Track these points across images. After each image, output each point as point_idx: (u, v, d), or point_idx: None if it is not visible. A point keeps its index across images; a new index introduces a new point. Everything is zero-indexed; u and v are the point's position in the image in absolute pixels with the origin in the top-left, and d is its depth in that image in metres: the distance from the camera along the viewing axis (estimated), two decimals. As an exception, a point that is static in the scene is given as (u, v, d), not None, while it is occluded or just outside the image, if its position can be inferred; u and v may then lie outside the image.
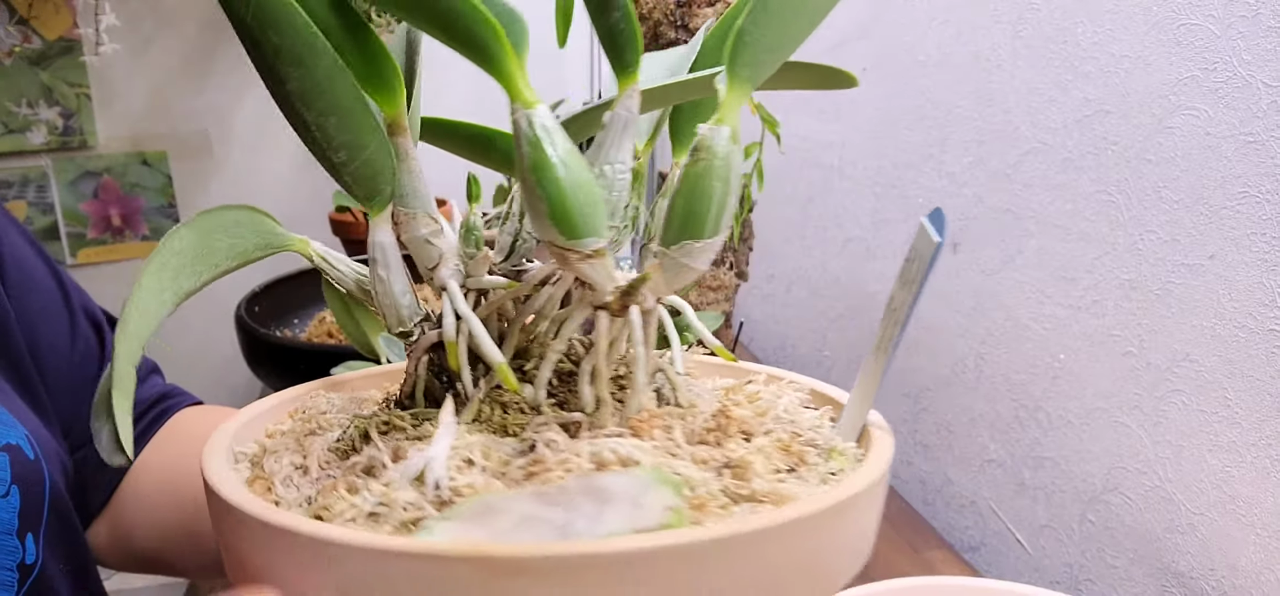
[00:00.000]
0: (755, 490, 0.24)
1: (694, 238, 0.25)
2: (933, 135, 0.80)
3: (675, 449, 0.26)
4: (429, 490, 0.23)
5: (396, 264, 0.27)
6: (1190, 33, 0.55)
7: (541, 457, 0.24)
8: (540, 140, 0.23)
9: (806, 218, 1.06)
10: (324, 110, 0.23)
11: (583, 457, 0.24)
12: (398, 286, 0.27)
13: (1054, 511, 0.69)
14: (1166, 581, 0.60)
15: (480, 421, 0.27)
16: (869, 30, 0.89)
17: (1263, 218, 0.51)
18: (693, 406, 0.29)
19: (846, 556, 0.24)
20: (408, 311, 0.27)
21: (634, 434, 0.26)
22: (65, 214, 1.33)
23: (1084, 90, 0.63)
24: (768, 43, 0.24)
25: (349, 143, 0.24)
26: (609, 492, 0.22)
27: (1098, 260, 0.63)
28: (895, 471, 0.90)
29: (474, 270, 0.27)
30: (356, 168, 0.24)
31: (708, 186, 0.24)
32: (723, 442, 0.27)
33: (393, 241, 0.27)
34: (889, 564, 0.68)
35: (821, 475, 0.27)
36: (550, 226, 0.23)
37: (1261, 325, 0.52)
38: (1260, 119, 0.51)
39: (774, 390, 0.33)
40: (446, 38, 0.23)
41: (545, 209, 0.23)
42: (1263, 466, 0.53)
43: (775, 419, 0.29)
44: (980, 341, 0.76)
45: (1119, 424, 0.63)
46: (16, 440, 0.42)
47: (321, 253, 0.28)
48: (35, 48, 1.26)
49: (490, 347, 0.25)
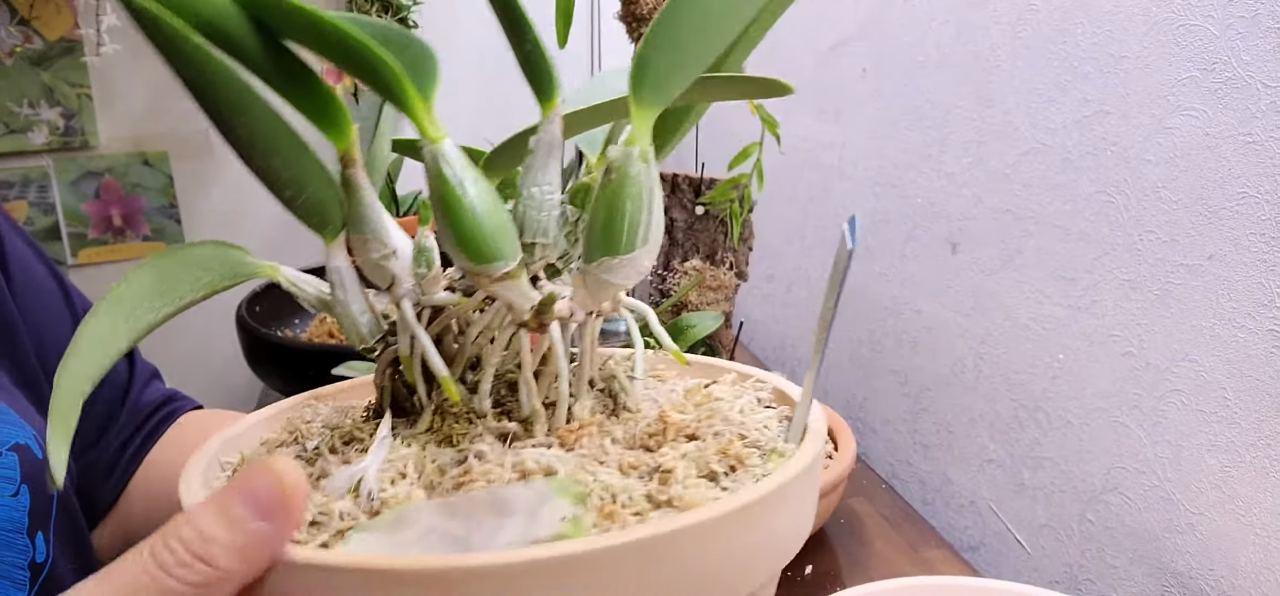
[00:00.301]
0: (673, 495, 0.25)
1: (611, 254, 0.26)
2: (932, 135, 0.80)
3: (603, 456, 0.27)
4: (363, 500, 0.25)
5: (353, 286, 0.29)
6: (1189, 33, 0.55)
7: (469, 468, 0.26)
8: (444, 173, 0.25)
9: (806, 218, 1.06)
10: (267, 153, 0.25)
11: (506, 468, 0.25)
12: (356, 307, 0.29)
13: (1053, 511, 0.70)
14: (1166, 581, 0.60)
15: (432, 430, 0.28)
16: (868, 31, 0.89)
17: (1262, 218, 0.51)
18: (639, 411, 0.30)
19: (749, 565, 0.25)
20: (368, 329, 0.29)
21: (562, 443, 0.27)
22: (66, 214, 1.33)
23: (1083, 90, 0.63)
24: (669, 65, 0.24)
25: (293, 181, 0.26)
26: (509, 505, 0.23)
27: (1097, 260, 0.63)
28: (894, 471, 0.90)
29: (428, 288, 0.28)
30: (302, 203, 0.26)
31: (620, 205, 0.25)
32: (661, 447, 0.28)
33: (347, 265, 0.28)
34: (888, 563, 0.68)
35: (756, 476, 0.27)
36: (460, 253, 0.25)
37: (1260, 325, 0.52)
38: (1259, 119, 0.51)
39: (735, 390, 0.34)
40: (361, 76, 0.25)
41: (453, 236, 0.25)
42: (1262, 466, 0.53)
43: (724, 420, 0.30)
44: (980, 341, 0.76)
45: (1118, 424, 0.63)
46: (25, 440, 0.42)
47: (290, 277, 0.29)
48: (36, 48, 1.26)
49: (437, 362, 0.27)
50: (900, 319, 0.87)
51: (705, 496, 0.25)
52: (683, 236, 0.77)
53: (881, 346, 0.91)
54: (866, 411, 0.95)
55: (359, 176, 0.27)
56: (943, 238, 0.80)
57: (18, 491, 0.41)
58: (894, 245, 0.87)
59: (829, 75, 0.97)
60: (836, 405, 1.00)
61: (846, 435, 0.72)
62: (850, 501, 0.77)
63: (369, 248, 0.28)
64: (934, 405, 0.83)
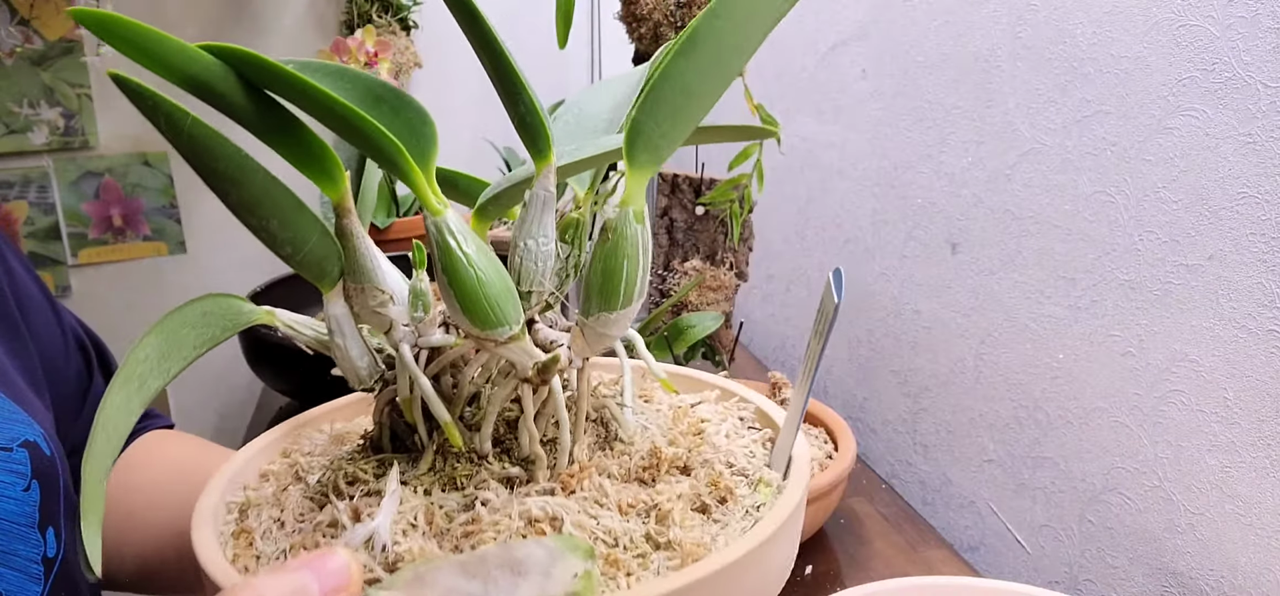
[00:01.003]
0: (672, 538, 0.27)
1: (609, 309, 0.27)
2: (932, 136, 0.80)
3: (602, 498, 0.29)
4: (377, 553, 0.26)
5: (351, 331, 0.30)
6: (1189, 34, 0.55)
7: (478, 516, 0.27)
8: (450, 244, 0.26)
9: (806, 218, 1.06)
10: (266, 216, 0.26)
11: (514, 517, 0.27)
12: (355, 351, 0.30)
13: (1053, 511, 0.70)
14: (1165, 581, 0.60)
15: (433, 471, 0.30)
16: (868, 31, 0.89)
17: (1262, 218, 0.51)
18: (632, 442, 0.32)
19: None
20: (366, 372, 0.30)
21: (563, 487, 0.29)
22: (66, 214, 1.33)
23: (1083, 91, 0.63)
24: (661, 130, 0.25)
25: (292, 239, 0.27)
26: (523, 564, 0.24)
27: (1097, 260, 0.63)
28: (894, 471, 0.90)
29: (424, 331, 0.29)
30: (303, 258, 0.27)
31: (618, 265, 0.27)
32: (655, 481, 0.30)
33: (346, 312, 0.29)
34: (888, 563, 0.68)
35: (746, 508, 0.29)
36: (465, 319, 0.26)
37: (1260, 325, 0.52)
38: (1259, 120, 0.51)
39: (720, 410, 0.36)
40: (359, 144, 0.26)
41: (459, 305, 0.26)
42: (1262, 466, 0.53)
43: (713, 448, 0.32)
44: (979, 341, 0.76)
45: (1118, 424, 0.63)
46: (34, 437, 0.43)
47: (287, 321, 0.30)
48: (36, 48, 1.26)
49: (438, 407, 0.28)
50: (900, 319, 0.87)
51: (701, 538, 0.27)
52: (683, 236, 0.77)
53: (881, 346, 0.91)
54: (866, 411, 0.95)
55: (353, 224, 0.28)
56: (943, 238, 0.80)
57: (29, 486, 0.42)
58: (894, 245, 0.87)
59: (829, 76, 0.97)
60: (836, 405, 1.00)
61: (846, 435, 0.72)
62: (850, 501, 0.77)
63: (367, 295, 0.29)
64: (934, 405, 0.83)
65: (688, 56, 0.24)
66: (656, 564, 0.26)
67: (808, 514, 0.67)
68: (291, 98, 0.25)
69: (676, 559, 0.26)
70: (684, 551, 0.26)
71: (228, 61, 0.24)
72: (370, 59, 1.25)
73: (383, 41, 1.27)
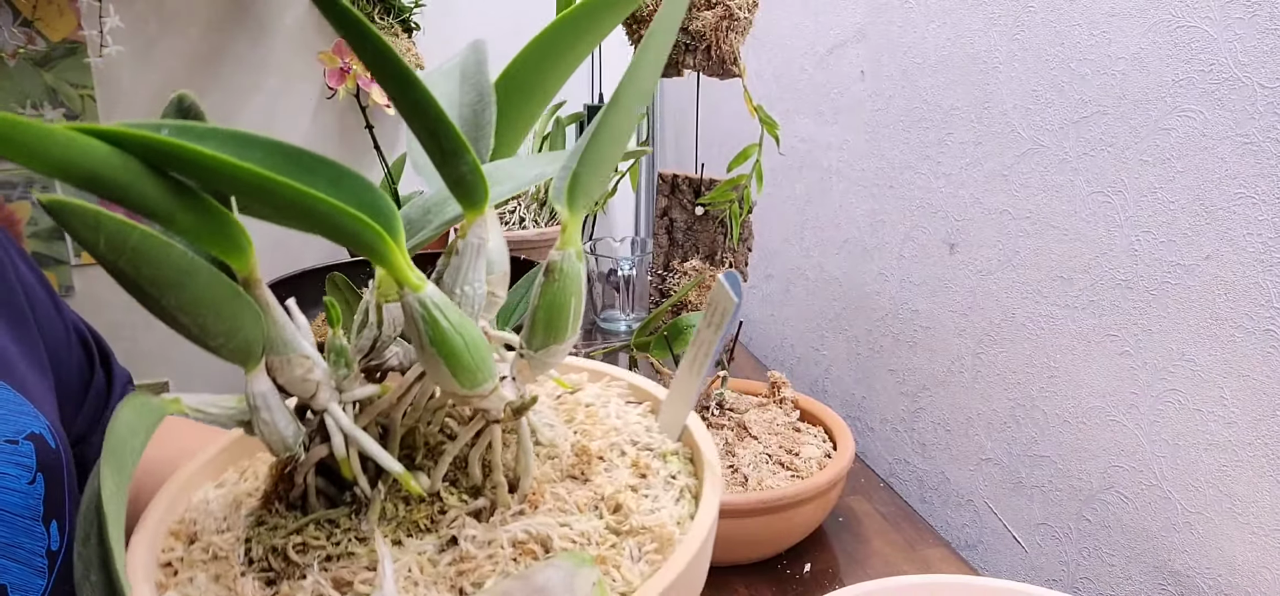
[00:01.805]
0: (633, 525, 0.30)
1: (558, 341, 0.29)
2: (930, 136, 0.80)
3: (564, 506, 0.31)
4: None
5: (278, 406, 0.29)
6: (1187, 34, 0.55)
7: (466, 553, 0.28)
8: (435, 318, 0.26)
9: (805, 218, 1.06)
10: (202, 312, 0.25)
11: (504, 545, 0.29)
12: (282, 423, 0.29)
13: (1051, 509, 0.70)
14: (1163, 579, 0.60)
15: (386, 518, 0.30)
16: (866, 33, 0.89)
17: (1259, 218, 0.52)
18: (554, 445, 0.34)
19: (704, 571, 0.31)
20: (293, 438, 0.30)
21: (532, 507, 0.30)
22: (69, 214, 1.34)
23: (1081, 91, 0.63)
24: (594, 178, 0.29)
25: (226, 330, 0.26)
26: (546, 589, 0.26)
27: (1094, 260, 0.63)
28: (892, 470, 0.91)
29: (347, 385, 0.30)
30: (234, 346, 0.27)
31: (563, 301, 0.29)
32: (589, 477, 0.32)
33: (270, 387, 0.29)
34: (886, 561, 0.69)
35: (665, 478, 0.33)
36: (453, 382, 0.27)
37: (1258, 325, 0.52)
38: (1256, 120, 0.51)
39: (601, 394, 0.38)
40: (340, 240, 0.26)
41: (448, 371, 0.27)
42: (1259, 465, 0.53)
43: (615, 431, 0.35)
44: (977, 341, 0.76)
45: (1116, 422, 0.63)
46: (40, 429, 0.44)
47: (195, 406, 0.29)
48: (39, 50, 1.27)
49: (388, 460, 0.29)
50: (898, 318, 0.88)
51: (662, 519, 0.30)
52: (683, 237, 0.77)
53: (880, 346, 0.91)
54: (865, 410, 0.95)
55: (266, 296, 0.28)
56: (941, 238, 0.80)
57: (34, 479, 0.42)
58: (892, 245, 0.88)
59: (828, 77, 0.98)
60: (835, 404, 1.00)
61: (845, 434, 0.72)
62: (848, 499, 0.77)
63: (292, 366, 0.29)
64: (932, 404, 0.84)
65: (614, 112, 0.27)
66: (629, 550, 0.29)
67: (807, 512, 0.67)
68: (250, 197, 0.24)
69: (651, 543, 0.29)
70: (660, 536, 0.29)
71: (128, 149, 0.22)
72: (371, 60, 1.25)
73: (384, 42, 1.27)
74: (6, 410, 0.43)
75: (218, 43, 1.38)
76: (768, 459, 0.69)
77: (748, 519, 0.63)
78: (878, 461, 0.93)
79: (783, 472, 0.67)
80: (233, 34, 1.38)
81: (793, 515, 0.64)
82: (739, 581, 0.65)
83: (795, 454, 0.69)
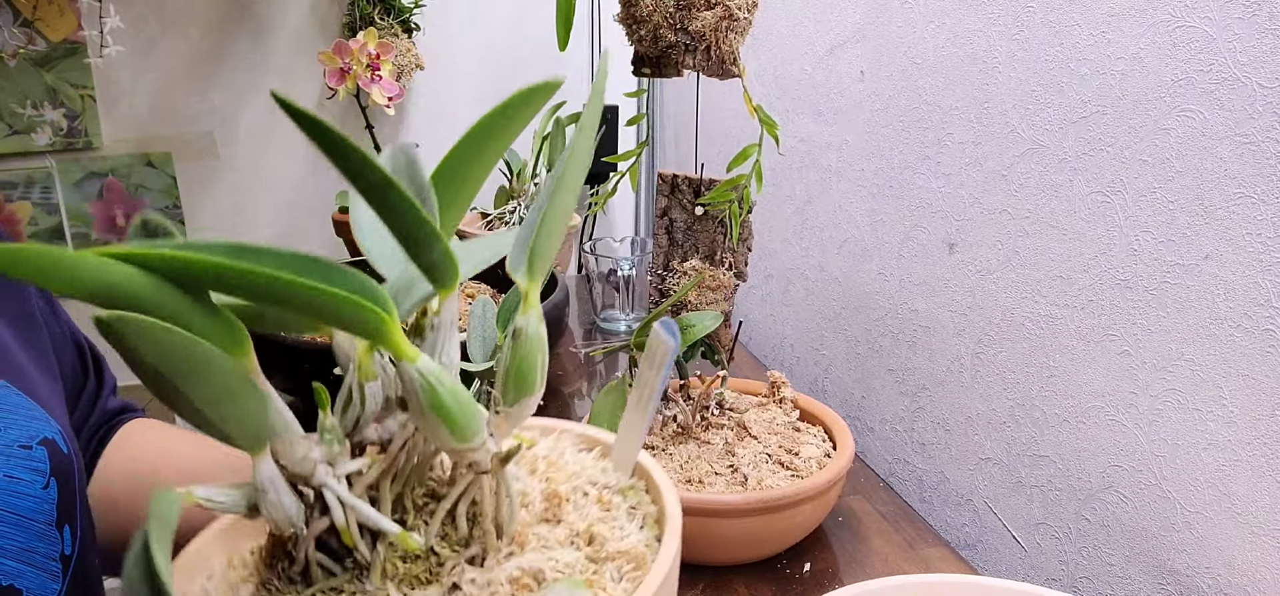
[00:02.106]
0: (609, 551, 0.34)
1: (528, 395, 0.33)
2: (929, 136, 0.80)
3: (547, 543, 0.34)
4: None
5: (284, 487, 0.31)
6: (1186, 34, 0.55)
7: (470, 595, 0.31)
8: (432, 385, 0.29)
9: (805, 218, 1.06)
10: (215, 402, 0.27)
11: (503, 584, 0.31)
12: (287, 502, 0.31)
13: (1050, 509, 0.70)
14: (1163, 579, 0.60)
15: (387, 576, 0.32)
16: (866, 33, 0.89)
17: (1258, 218, 0.52)
18: (526, 493, 0.36)
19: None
20: (296, 514, 0.32)
21: (519, 546, 0.33)
22: (70, 214, 1.34)
23: (1080, 91, 0.63)
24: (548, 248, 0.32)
25: (238, 415, 0.28)
26: None
27: (1093, 260, 0.63)
28: (892, 469, 0.91)
29: (338, 459, 0.32)
30: (247, 433, 0.29)
31: (531, 361, 0.32)
32: (562, 518, 0.35)
33: (276, 471, 0.31)
34: (886, 561, 0.69)
35: (627, 509, 0.37)
36: (451, 440, 0.30)
37: (1257, 324, 0.52)
38: (1256, 120, 0.51)
39: (556, 445, 0.41)
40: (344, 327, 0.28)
41: (445, 430, 0.30)
42: (1259, 465, 0.53)
43: (576, 476, 0.38)
44: (976, 340, 0.76)
45: (1115, 422, 0.63)
46: (52, 434, 0.44)
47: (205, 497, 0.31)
48: (40, 50, 1.27)
49: (387, 524, 0.31)
50: (898, 318, 0.88)
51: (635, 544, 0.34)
52: (682, 237, 0.77)
53: (879, 346, 0.91)
54: (864, 410, 0.95)
55: (265, 384, 0.30)
56: (940, 238, 0.80)
57: (47, 484, 0.42)
58: (891, 245, 0.88)
59: (827, 77, 0.98)
60: (834, 404, 1.00)
61: (844, 434, 0.72)
62: (848, 499, 0.78)
63: (295, 447, 0.30)
64: (931, 404, 0.84)
65: (561, 192, 0.31)
66: (609, 572, 0.33)
67: (806, 511, 0.67)
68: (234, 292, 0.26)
69: (629, 564, 0.33)
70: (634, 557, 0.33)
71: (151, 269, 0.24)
72: (372, 61, 1.25)
73: (385, 44, 1.27)
74: (19, 415, 0.43)
75: (218, 43, 1.38)
76: (767, 458, 0.69)
77: (748, 518, 0.63)
78: (877, 461, 0.93)
79: (782, 472, 0.67)
80: (233, 34, 1.38)
81: (792, 515, 0.64)
82: (739, 581, 0.66)
83: (795, 453, 0.70)
